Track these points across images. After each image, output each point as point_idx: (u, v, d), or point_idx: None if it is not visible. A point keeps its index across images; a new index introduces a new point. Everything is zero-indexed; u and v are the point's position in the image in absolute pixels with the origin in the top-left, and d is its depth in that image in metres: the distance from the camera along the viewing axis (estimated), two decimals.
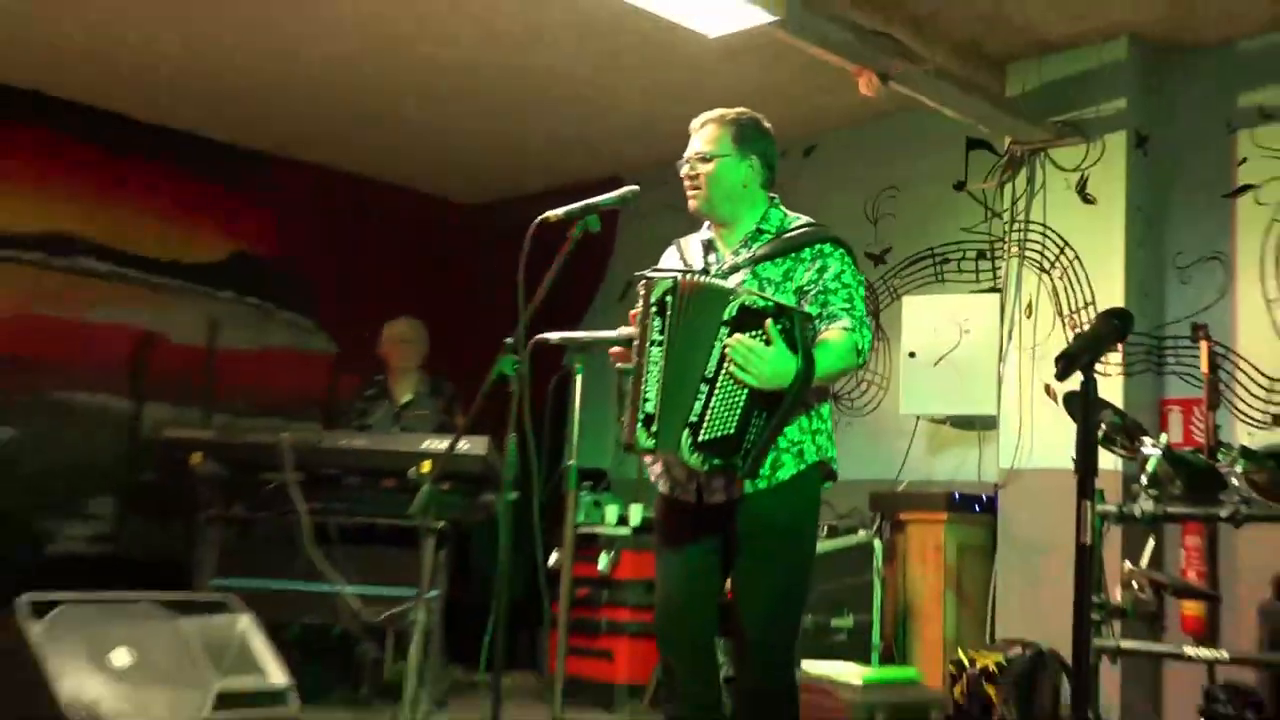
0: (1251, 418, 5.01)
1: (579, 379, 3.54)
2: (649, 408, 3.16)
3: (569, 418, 3.77)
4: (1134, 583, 3.78)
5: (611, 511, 5.90)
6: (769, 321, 3.05)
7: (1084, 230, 5.35)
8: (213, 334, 7.03)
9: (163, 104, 6.78)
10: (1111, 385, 5.06)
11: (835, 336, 3.18)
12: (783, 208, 3.45)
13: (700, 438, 3.08)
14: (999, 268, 5.77)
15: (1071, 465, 3.36)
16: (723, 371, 3.07)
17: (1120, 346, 4.90)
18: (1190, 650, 3.88)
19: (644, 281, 3.26)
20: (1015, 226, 5.57)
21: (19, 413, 6.69)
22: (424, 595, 5.10)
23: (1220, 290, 5.24)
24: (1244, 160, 5.25)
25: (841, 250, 3.34)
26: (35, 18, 5.62)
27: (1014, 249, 5.57)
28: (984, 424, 5.67)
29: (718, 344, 3.08)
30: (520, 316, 3.31)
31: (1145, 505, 3.63)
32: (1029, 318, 5.44)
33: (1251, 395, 5.04)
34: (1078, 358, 2.58)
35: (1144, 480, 3.63)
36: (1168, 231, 5.42)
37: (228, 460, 5.35)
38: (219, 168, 7.35)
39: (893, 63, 4.90)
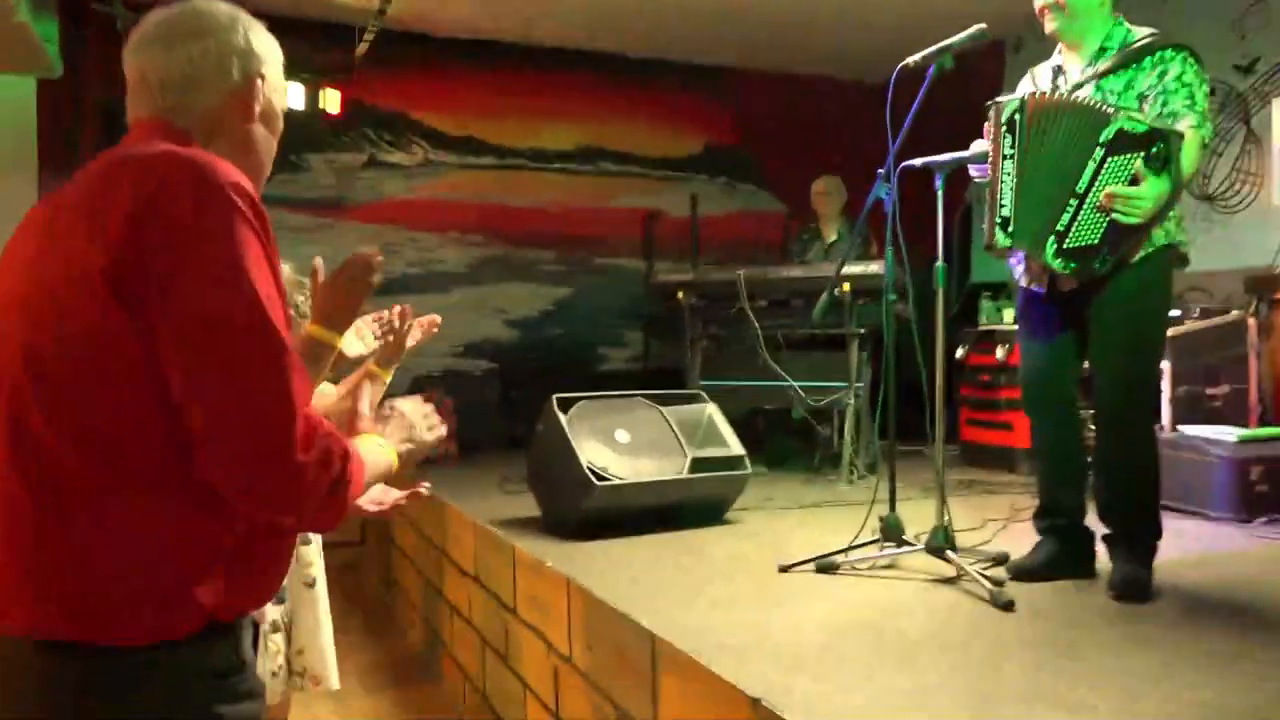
0: None
1: (939, 194, 3.02)
2: (1004, 212, 2.79)
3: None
4: None
5: (1009, 313, 5.35)
6: (1141, 155, 2.49)
7: None
8: (694, 207, 6.99)
9: (650, 41, 6.76)
10: None
11: (1188, 138, 2.55)
12: (1127, 24, 2.77)
13: (1066, 245, 2.63)
14: None
15: None
16: (1094, 189, 2.55)
17: None
18: None
19: (994, 105, 2.83)
20: None
21: (576, 274, 7.07)
22: (852, 386, 4.85)
23: None
24: None
25: (1184, 54, 2.66)
26: None
27: None
28: None
29: (1092, 162, 2.57)
30: (890, 148, 2.92)
31: None
32: None
33: None
34: None
35: None
36: None
37: (702, 294, 5.32)
38: (692, 83, 7.27)
39: None
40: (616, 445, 3.61)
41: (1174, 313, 4.11)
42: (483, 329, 6.80)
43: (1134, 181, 2.52)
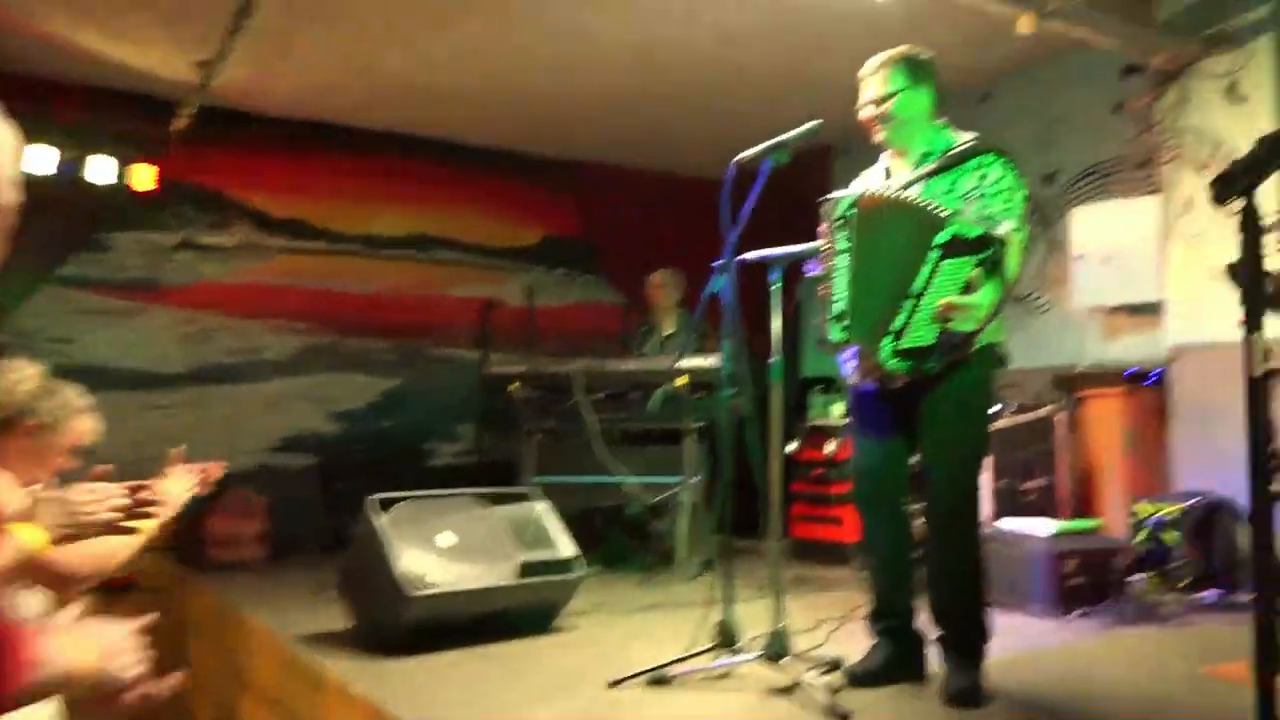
0: None
1: (775, 289, 3.00)
2: (838, 308, 2.77)
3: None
4: None
5: (837, 408, 5.43)
6: (974, 260, 2.53)
7: (1236, 128, 4.34)
8: (531, 297, 6.88)
9: (490, 130, 6.65)
10: None
11: (1010, 241, 2.62)
12: (950, 129, 2.86)
13: (902, 345, 2.64)
14: (1158, 174, 4.81)
15: (1233, 339, 2.63)
16: (929, 292, 2.56)
17: None
18: None
19: (827, 202, 2.85)
20: (1171, 134, 4.62)
21: (409, 365, 6.79)
22: (687, 481, 4.77)
23: None
24: None
25: (1004, 159, 2.75)
26: (405, 80, 5.65)
27: (1171, 154, 4.62)
28: (1151, 309, 4.77)
29: (926, 265, 2.57)
30: (726, 243, 2.90)
31: None
32: (1188, 212, 4.50)
33: None
34: (1236, 179, 1.76)
35: None
36: None
37: (537, 386, 5.17)
38: (532, 173, 7.17)
39: (1048, 2, 4.10)
40: (439, 549, 3.38)
41: (994, 408, 4.25)
42: (304, 421, 6.40)
43: (968, 287, 2.54)
